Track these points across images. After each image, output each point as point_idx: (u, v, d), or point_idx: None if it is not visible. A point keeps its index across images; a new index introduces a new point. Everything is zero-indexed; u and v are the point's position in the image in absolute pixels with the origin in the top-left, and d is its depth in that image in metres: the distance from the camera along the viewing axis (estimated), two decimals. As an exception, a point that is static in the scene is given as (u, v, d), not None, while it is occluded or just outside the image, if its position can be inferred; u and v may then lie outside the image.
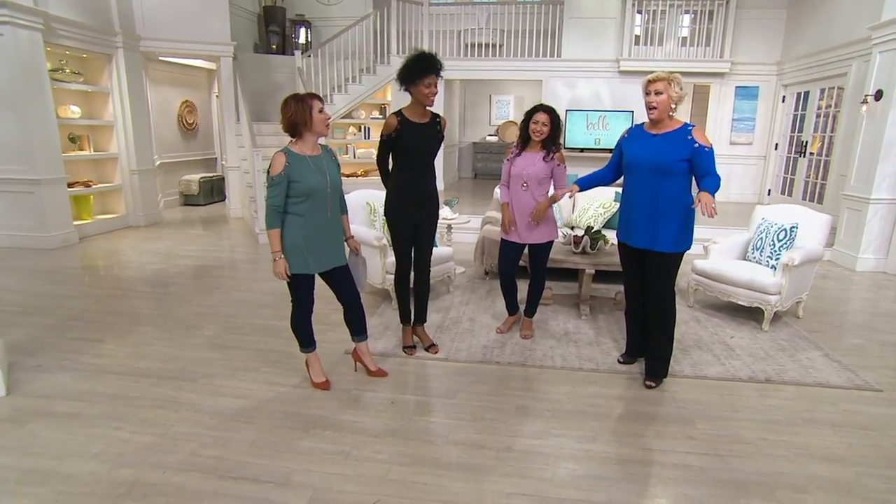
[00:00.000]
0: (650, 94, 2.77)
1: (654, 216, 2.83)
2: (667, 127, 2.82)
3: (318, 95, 2.67)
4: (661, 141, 2.81)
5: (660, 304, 2.96)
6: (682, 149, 2.74)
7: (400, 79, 2.95)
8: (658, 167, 2.79)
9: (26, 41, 5.41)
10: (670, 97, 2.73)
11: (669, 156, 2.76)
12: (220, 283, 4.94)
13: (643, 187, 2.87)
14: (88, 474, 2.20)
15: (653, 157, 2.80)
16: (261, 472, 2.22)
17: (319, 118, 2.62)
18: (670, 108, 2.76)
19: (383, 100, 9.27)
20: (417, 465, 2.29)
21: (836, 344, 3.70)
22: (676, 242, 2.85)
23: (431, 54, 2.92)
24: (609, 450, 2.44)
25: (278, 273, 2.63)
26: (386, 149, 3.09)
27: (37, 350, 3.34)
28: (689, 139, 2.73)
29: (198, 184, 9.14)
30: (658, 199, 2.82)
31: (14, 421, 2.57)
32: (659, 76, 2.75)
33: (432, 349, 3.40)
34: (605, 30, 8.79)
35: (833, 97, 7.21)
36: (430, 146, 3.09)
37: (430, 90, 2.91)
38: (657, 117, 2.79)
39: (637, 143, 2.91)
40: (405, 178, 3.11)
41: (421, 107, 3.00)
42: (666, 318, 2.98)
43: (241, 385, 2.97)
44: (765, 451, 2.45)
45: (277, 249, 2.62)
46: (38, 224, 5.84)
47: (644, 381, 3.05)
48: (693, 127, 2.78)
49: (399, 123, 2.98)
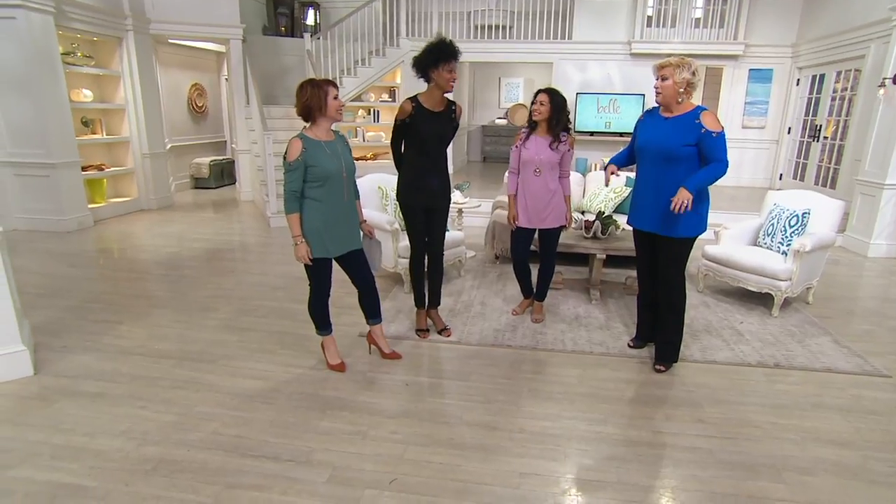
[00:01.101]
0: (658, 80, 2.78)
1: (662, 202, 2.80)
2: (678, 110, 2.79)
3: (334, 82, 2.68)
4: (669, 125, 2.78)
5: (670, 288, 2.97)
6: (688, 133, 2.71)
7: (420, 65, 2.95)
8: (663, 152, 2.78)
9: (39, 25, 5.43)
10: (676, 83, 2.70)
11: (674, 140, 2.74)
12: (234, 265, 5.01)
13: (651, 172, 2.87)
14: (117, 451, 2.28)
15: (659, 142, 2.79)
16: (281, 451, 2.30)
17: (334, 104, 2.65)
18: (677, 94, 2.72)
19: (393, 82, 9.22)
20: (433, 446, 2.36)
21: (845, 330, 3.72)
22: (685, 228, 2.83)
23: (451, 41, 2.93)
24: (619, 432, 2.50)
25: (301, 257, 2.68)
26: (399, 133, 3.12)
27: (61, 331, 3.43)
28: (696, 123, 2.69)
29: (208, 167, 9.19)
30: (664, 185, 2.79)
31: (43, 399, 2.66)
32: (668, 62, 2.73)
33: (445, 332, 3.45)
34: (617, 11, 8.66)
35: (849, 80, 7.10)
36: (444, 134, 3.11)
37: (452, 75, 2.93)
38: (661, 102, 2.80)
39: (649, 127, 2.90)
40: (417, 164, 3.13)
41: (439, 93, 3.01)
42: (676, 303, 2.99)
43: (259, 367, 3.04)
44: (773, 435, 2.50)
45: (298, 233, 2.66)
46: (54, 207, 5.93)
47: (654, 365, 3.09)
48: (703, 110, 2.74)
49: (413, 109, 3.00)
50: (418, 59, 2.95)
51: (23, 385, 2.78)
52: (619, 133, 8.82)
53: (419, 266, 3.34)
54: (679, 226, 2.82)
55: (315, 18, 9.47)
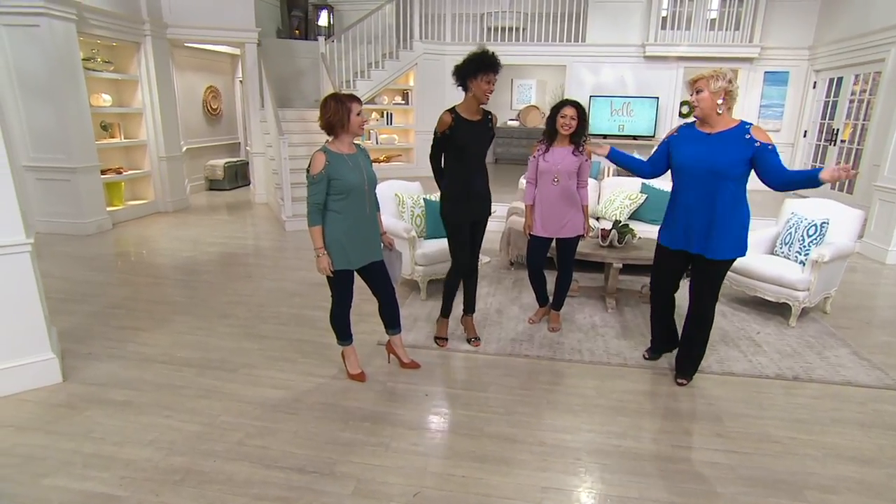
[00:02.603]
0: (693, 95, 2.70)
1: (711, 222, 2.71)
2: (721, 125, 2.68)
3: (357, 98, 2.71)
4: (716, 141, 2.66)
5: (703, 308, 2.92)
6: (741, 149, 2.60)
7: (459, 74, 2.97)
8: (715, 170, 2.65)
9: (61, 32, 5.52)
10: (712, 93, 2.61)
11: (726, 158, 2.62)
12: (251, 270, 5.07)
13: (698, 192, 2.73)
14: (146, 460, 2.34)
15: (709, 160, 2.66)
16: (305, 463, 2.34)
17: (356, 121, 2.68)
18: (715, 105, 2.63)
19: (406, 85, 9.25)
20: (455, 458, 2.39)
21: (864, 341, 3.70)
22: (732, 249, 2.75)
23: (493, 52, 2.94)
24: (640, 446, 2.52)
25: (322, 269, 2.72)
26: (439, 147, 3.13)
27: (85, 338, 3.50)
28: (749, 138, 2.60)
29: (223, 169, 9.29)
30: (715, 205, 2.69)
31: (72, 407, 2.72)
32: (701, 74, 2.65)
33: (475, 342, 3.48)
34: (631, 14, 8.63)
35: (868, 83, 7.02)
36: (483, 143, 3.13)
37: (490, 87, 2.95)
38: (700, 114, 2.70)
39: (689, 144, 2.77)
40: (460, 177, 3.13)
41: (475, 103, 3.03)
42: (705, 322, 2.97)
43: (280, 375, 3.09)
44: (793, 451, 2.50)
45: (320, 246, 2.70)
46: (74, 211, 6.03)
47: (675, 379, 3.10)
48: (751, 125, 2.65)
49: (453, 121, 3.02)
50: (458, 68, 2.98)
51: (52, 392, 2.84)
52: (633, 136, 8.79)
53: (457, 280, 3.34)
54: (723, 248, 2.74)
55: (329, 19, 9.52)
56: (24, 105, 5.61)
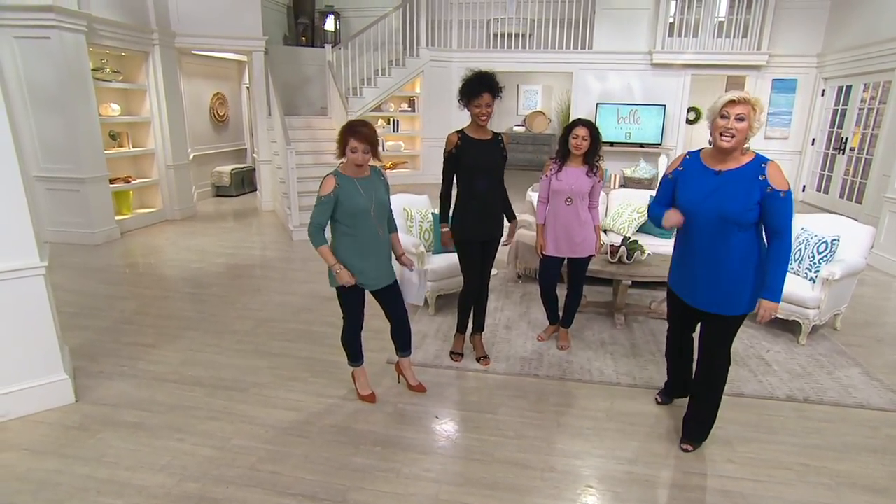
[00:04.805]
0: (729, 119, 2.21)
1: (719, 275, 2.36)
2: (734, 162, 2.30)
3: (363, 131, 2.62)
4: (725, 181, 2.29)
5: (713, 365, 2.56)
6: (750, 192, 2.24)
7: (460, 95, 3.02)
8: (722, 218, 2.28)
9: (71, 44, 5.55)
10: (752, 127, 2.22)
11: (736, 204, 2.24)
12: (259, 283, 5.08)
13: (704, 239, 2.36)
14: (159, 487, 2.35)
15: (715, 205, 2.28)
16: (318, 489, 2.35)
17: (351, 158, 2.65)
18: (746, 140, 2.26)
19: (412, 92, 9.26)
20: (466, 485, 2.40)
21: (875, 360, 3.68)
22: (746, 304, 2.38)
23: (487, 74, 2.94)
24: (651, 472, 2.51)
25: (346, 282, 2.70)
26: (450, 166, 3.14)
27: (96, 355, 3.52)
28: (762, 180, 2.22)
29: (229, 175, 9.32)
30: (720, 257, 2.33)
31: (85, 429, 2.74)
32: (745, 98, 2.20)
33: (484, 361, 3.48)
34: (638, 21, 8.61)
35: (878, 91, 6.98)
36: (493, 162, 3.14)
37: (482, 110, 2.96)
38: (731, 146, 2.24)
39: (695, 182, 2.39)
40: (471, 198, 3.14)
41: (476, 125, 3.06)
42: (716, 381, 2.58)
43: (291, 396, 3.10)
44: (805, 479, 2.49)
45: (334, 262, 2.69)
46: (83, 220, 6.06)
47: (680, 444, 2.70)
48: (768, 162, 2.26)
49: (459, 140, 3.04)
50: (459, 90, 3.01)
51: (65, 414, 2.86)
52: (640, 143, 8.77)
53: (470, 300, 3.36)
54: (736, 304, 2.39)
55: (335, 25, 9.53)
56: (35, 116, 5.64)
